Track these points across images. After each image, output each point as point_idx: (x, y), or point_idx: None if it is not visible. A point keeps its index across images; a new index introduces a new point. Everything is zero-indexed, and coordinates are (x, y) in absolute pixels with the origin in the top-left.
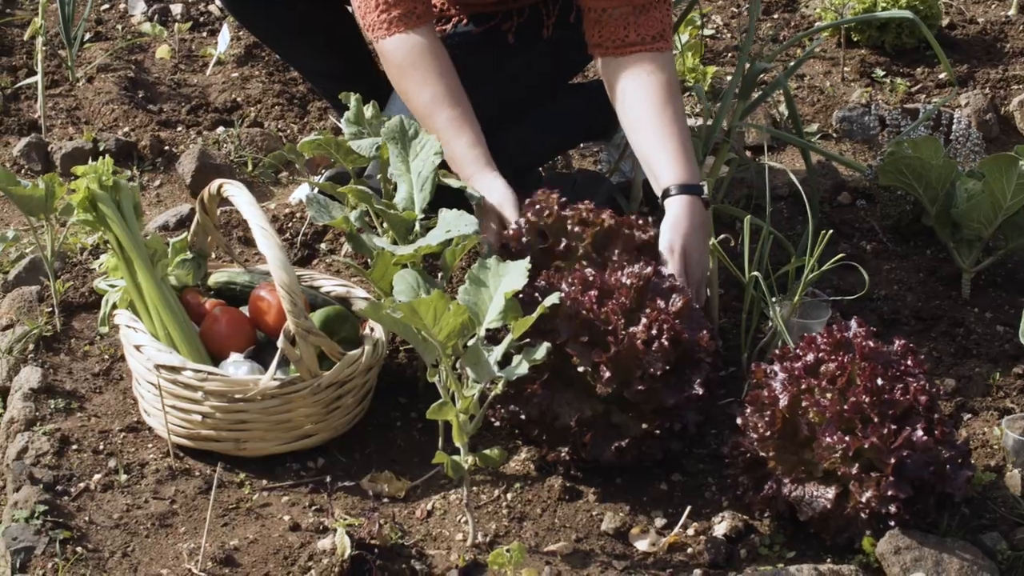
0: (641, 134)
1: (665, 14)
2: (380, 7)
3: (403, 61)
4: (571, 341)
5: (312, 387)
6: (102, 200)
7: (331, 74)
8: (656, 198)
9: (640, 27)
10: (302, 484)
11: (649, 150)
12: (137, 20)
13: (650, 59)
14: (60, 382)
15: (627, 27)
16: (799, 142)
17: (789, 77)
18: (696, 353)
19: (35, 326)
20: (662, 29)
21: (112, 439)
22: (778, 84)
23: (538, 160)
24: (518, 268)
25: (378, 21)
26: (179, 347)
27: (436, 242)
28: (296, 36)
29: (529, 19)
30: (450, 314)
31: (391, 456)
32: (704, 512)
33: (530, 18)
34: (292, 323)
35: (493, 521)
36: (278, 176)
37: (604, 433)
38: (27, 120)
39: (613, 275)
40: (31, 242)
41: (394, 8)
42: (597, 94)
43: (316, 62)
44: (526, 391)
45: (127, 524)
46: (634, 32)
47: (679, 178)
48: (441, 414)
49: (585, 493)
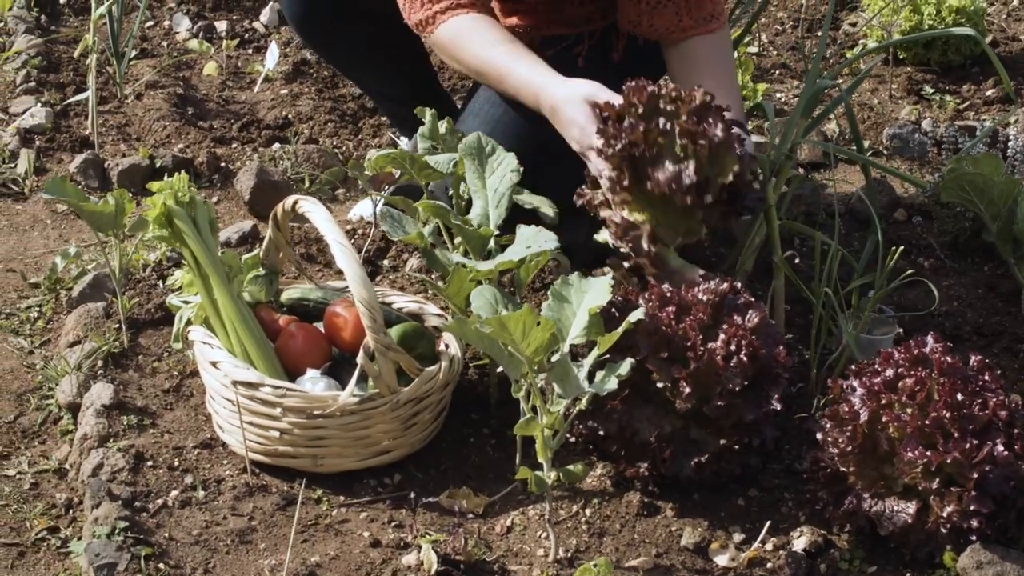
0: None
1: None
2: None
3: (450, 40)
4: (651, 357)
5: (391, 403)
6: (178, 216)
7: (395, 96)
8: None
9: (692, 11)
10: (380, 500)
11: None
12: (182, 37)
13: (708, 41)
14: (131, 399)
15: (680, 14)
16: (861, 158)
17: (851, 94)
18: (773, 369)
19: (103, 343)
20: (713, 9)
21: (186, 455)
22: (840, 101)
23: None
24: (601, 284)
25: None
26: (256, 363)
27: (518, 258)
28: (364, 58)
29: (599, 43)
30: (538, 329)
31: (466, 472)
32: (782, 527)
33: (600, 42)
34: (372, 339)
35: (573, 537)
36: (335, 193)
37: (683, 448)
38: (79, 137)
39: (689, 291)
40: (91, 258)
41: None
42: None
43: (382, 83)
44: (605, 407)
45: (207, 540)
46: (687, 17)
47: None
48: (528, 429)
49: (663, 508)
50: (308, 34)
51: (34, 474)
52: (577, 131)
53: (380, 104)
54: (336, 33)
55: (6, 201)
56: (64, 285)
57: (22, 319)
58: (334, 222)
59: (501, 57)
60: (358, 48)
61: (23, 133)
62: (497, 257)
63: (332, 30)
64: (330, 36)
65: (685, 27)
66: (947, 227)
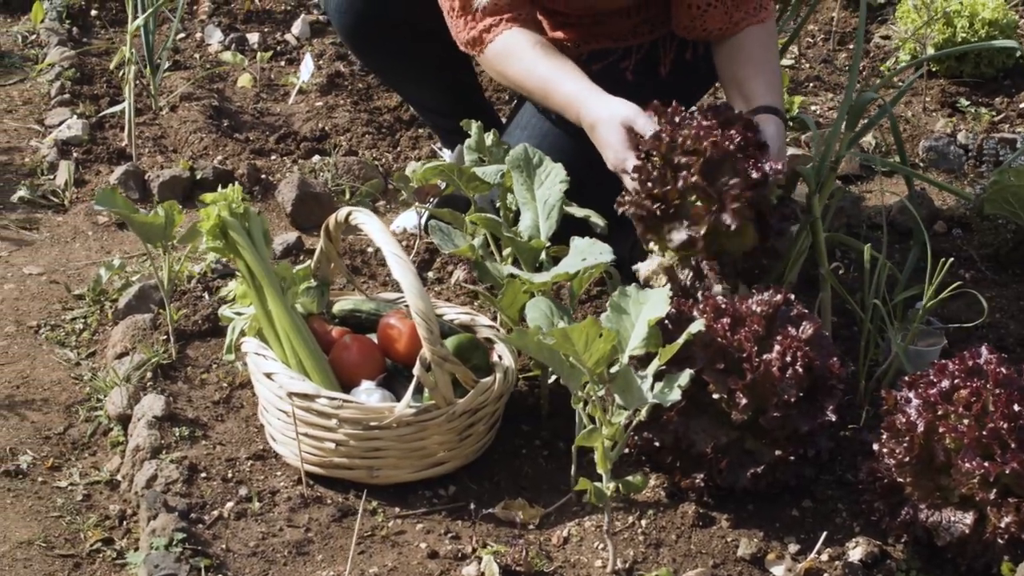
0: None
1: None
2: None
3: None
4: (707, 368)
5: (447, 415)
6: (232, 227)
7: (439, 108)
8: None
9: (740, 6)
10: (436, 512)
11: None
12: (214, 49)
13: (755, 33)
14: (181, 410)
15: (729, 11)
16: (906, 170)
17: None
18: (828, 380)
19: (152, 354)
20: (760, 4)
21: (240, 467)
22: (883, 113)
23: None
24: (659, 296)
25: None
26: (311, 375)
27: (574, 270)
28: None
29: (647, 57)
30: (600, 340)
31: (519, 483)
32: (836, 538)
33: (648, 56)
34: (428, 350)
35: (630, 547)
36: (375, 204)
37: (739, 460)
38: (115, 149)
39: (743, 303)
40: (135, 270)
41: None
42: None
43: (426, 95)
44: (661, 419)
45: (264, 552)
46: (736, 11)
47: (774, 103)
48: (590, 440)
49: (718, 519)
50: (356, 45)
51: (86, 485)
52: (612, 154)
53: (423, 115)
54: (384, 45)
55: (47, 213)
56: (109, 297)
57: (67, 330)
58: (389, 233)
59: (546, 73)
60: (405, 60)
61: (60, 145)
62: (553, 269)
63: (380, 42)
64: (378, 48)
65: (736, 21)
66: (988, 239)
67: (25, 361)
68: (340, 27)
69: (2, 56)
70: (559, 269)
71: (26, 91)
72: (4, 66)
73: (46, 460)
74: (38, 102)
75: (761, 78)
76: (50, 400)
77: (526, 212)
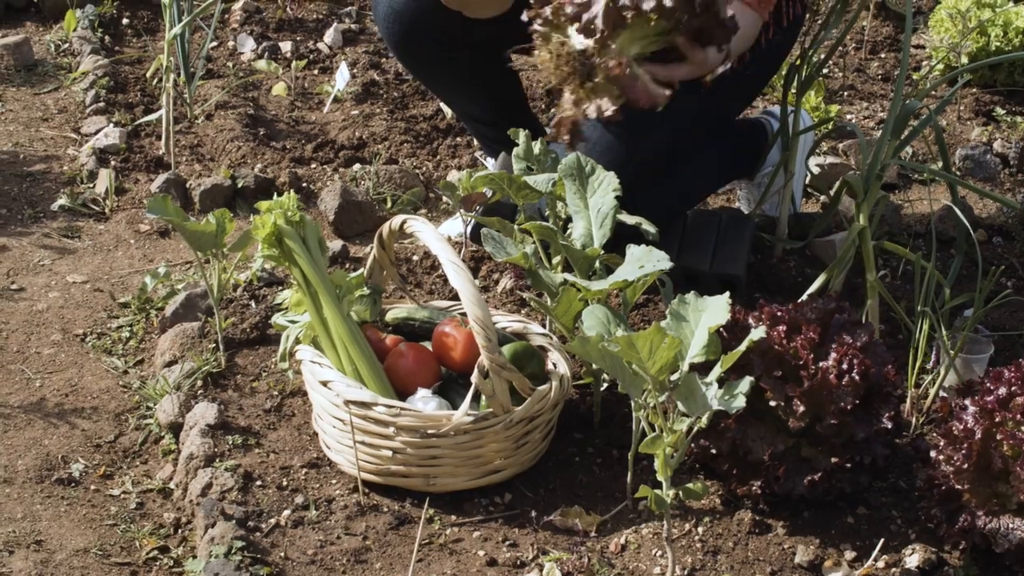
0: None
1: None
2: None
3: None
4: (765, 375)
5: (504, 422)
6: (288, 235)
7: (484, 117)
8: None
9: None
10: (492, 519)
11: None
12: (247, 58)
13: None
14: (233, 418)
15: None
16: (951, 178)
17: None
18: (883, 387)
19: (203, 362)
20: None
21: (294, 475)
22: (927, 122)
23: (688, 203)
24: (719, 303)
25: None
26: (367, 382)
27: (632, 277)
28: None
29: None
30: (664, 347)
31: (574, 491)
32: (892, 545)
33: None
34: (487, 358)
35: (688, 555)
36: (417, 213)
37: (796, 466)
38: (152, 157)
39: (799, 310)
40: (180, 278)
41: None
42: (742, 134)
43: (472, 105)
44: (719, 426)
45: (323, 560)
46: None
47: None
48: (653, 448)
49: (774, 526)
50: (404, 55)
51: (139, 493)
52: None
53: (467, 124)
54: (431, 55)
55: (88, 221)
56: (154, 305)
57: (114, 339)
58: (445, 241)
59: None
60: (452, 71)
61: (98, 153)
62: (611, 277)
63: (427, 52)
64: (425, 58)
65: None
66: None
67: (73, 369)
68: (388, 36)
69: (36, 64)
70: (617, 277)
71: (61, 99)
72: (38, 74)
73: (98, 468)
74: (73, 110)
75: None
76: (99, 408)
77: (578, 220)
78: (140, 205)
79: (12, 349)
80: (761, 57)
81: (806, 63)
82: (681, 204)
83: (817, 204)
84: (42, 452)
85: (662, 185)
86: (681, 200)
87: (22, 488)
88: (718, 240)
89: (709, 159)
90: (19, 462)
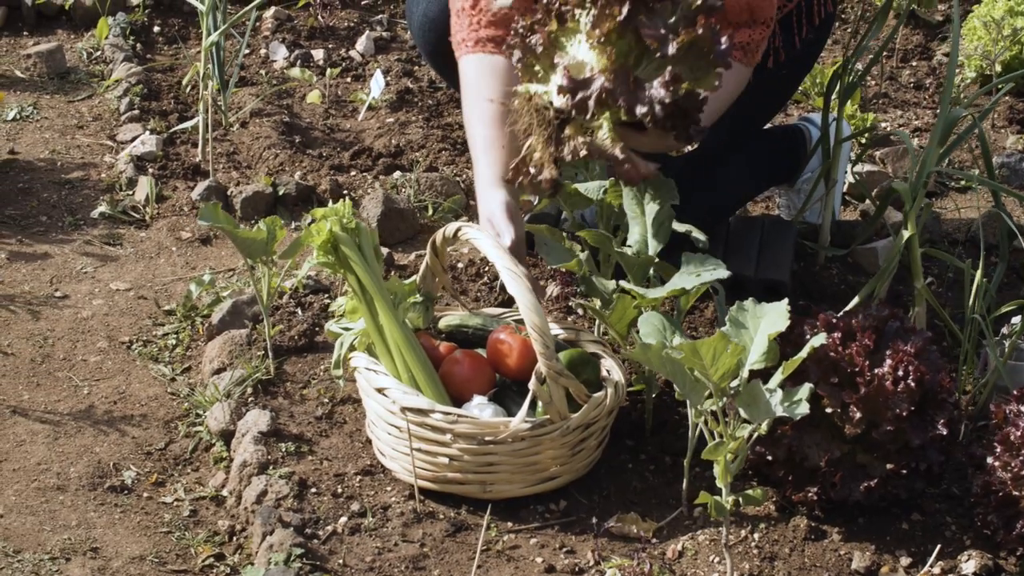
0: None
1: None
2: (471, 26)
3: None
4: (821, 382)
5: (562, 429)
6: (344, 242)
7: None
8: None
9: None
10: (548, 526)
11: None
12: (279, 66)
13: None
14: (285, 426)
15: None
16: (993, 185)
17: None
18: (938, 394)
19: (252, 370)
20: (744, 42)
21: (348, 482)
22: (971, 129)
23: (728, 210)
24: (778, 310)
25: (457, 42)
26: (423, 389)
27: (690, 286)
28: None
29: None
30: (727, 354)
31: (628, 498)
32: (947, 551)
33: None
34: (544, 365)
35: (745, 561)
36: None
37: (852, 473)
38: (189, 164)
39: (852, 318)
40: (224, 286)
41: (483, 29)
42: (781, 140)
43: None
44: (775, 432)
45: (381, 567)
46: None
47: None
48: (716, 454)
49: (829, 533)
50: (438, 63)
51: (191, 501)
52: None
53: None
54: None
55: (129, 228)
56: (199, 312)
57: (160, 346)
58: (502, 248)
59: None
60: None
61: (136, 161)
62: (667, 285)
63: None
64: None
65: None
66: None
67: (120, 377)
68: (423, 45)
69: (68, 72)
70: (674, 285)
71: (95, 107)
72: (71, 82)
73: (150, 476)
74: (108, 118)
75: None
76: (148, 416)
77: (634, 226)
78: (180, 212)
79: (59, 356)
80: (795, 57)
81: (848, 71)
82: (721, 208)
83: (855, 212)
84: (93, 459)
85: (700, 190)
86: (721, 204)
87: (75, 495)
88: (761, 246)
89: (746, 163)
90: (71, 469)
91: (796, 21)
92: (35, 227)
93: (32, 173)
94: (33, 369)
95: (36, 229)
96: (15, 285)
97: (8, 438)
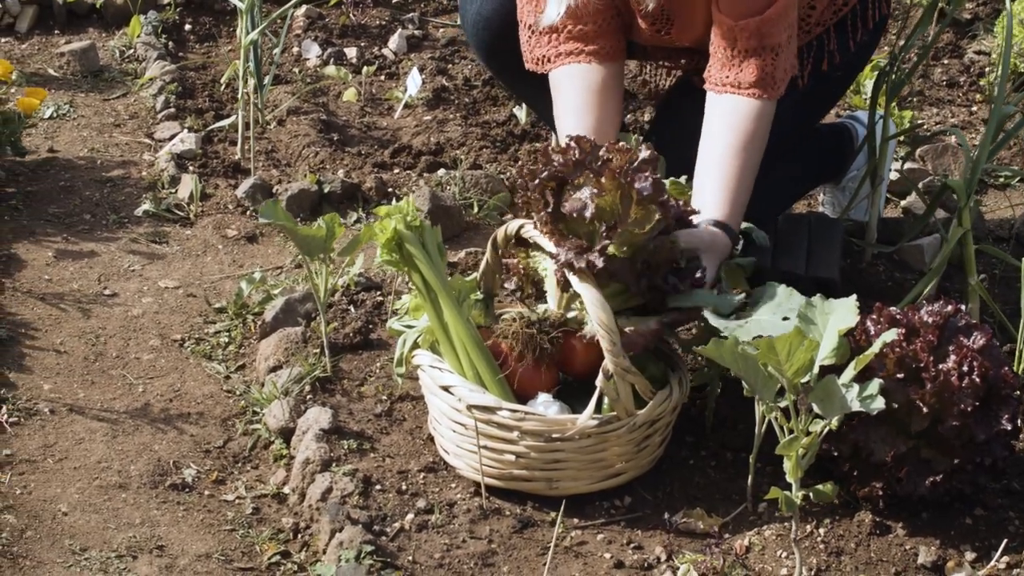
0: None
1: (768, 63)
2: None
3: (552, 85)
4: (887, 378)
5: (628, 426)
6: (409, 240)
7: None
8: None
9: (741, 71)
10: (615, 522)
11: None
12: (312, 64)
13: (741, 103)
14: (345, 423)
15: (729, 69)
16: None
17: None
18: (1002, 389)
19: (309, 367)
20: (760, 77)
21: (412, 479)
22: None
23: (777, 209)
24: (847, 306)
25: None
26: (489, 387)
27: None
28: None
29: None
30: (802, 350)
31: (691, 493)
32: (1012, 546)
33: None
34: (611, 362)
35: (812, 556)
36: (503, 218)
37: (917, 468)
38: (229, 162)
39: (915, 313)
40: (274, 284)
41: (563, 44)
42: (829, 138)
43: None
44: (841, 428)
45: (450, 564)
46: (734, 74)
47: (721, 216)
48: (790, 449)
49: (894, 528)
50: (491, 62)
51: (253, 499)
52: None
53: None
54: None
55: (174, 226)
56: (250, 310)
57: (212, 344)
58: None
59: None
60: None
61: (176, 159)
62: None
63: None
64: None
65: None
66: None
67: (174, 375)
68: (476, 43)
69: (101, 70)
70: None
71: (130, 105)
72: (105, 80)
73: (210, 473)
74: (144, 116)
75: (716, 174)
76: (205, 414)
77: None
78: (225, 210)
79: (111, 355)
80: (849, 60)
81: (895, 69)
82: (768, 210)
83: (896, 209)
84: (153, 457)
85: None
86: (775, 203)
87: (137, 493)
88: (810, 244)
89: (797, 162)
90: (132, 467)
91: (851, 24)
92: (79, 225)
93: (73, 171)
94: (87, 367)
95: (81, 227)
96: (64, 283)
97: (67, 436)
